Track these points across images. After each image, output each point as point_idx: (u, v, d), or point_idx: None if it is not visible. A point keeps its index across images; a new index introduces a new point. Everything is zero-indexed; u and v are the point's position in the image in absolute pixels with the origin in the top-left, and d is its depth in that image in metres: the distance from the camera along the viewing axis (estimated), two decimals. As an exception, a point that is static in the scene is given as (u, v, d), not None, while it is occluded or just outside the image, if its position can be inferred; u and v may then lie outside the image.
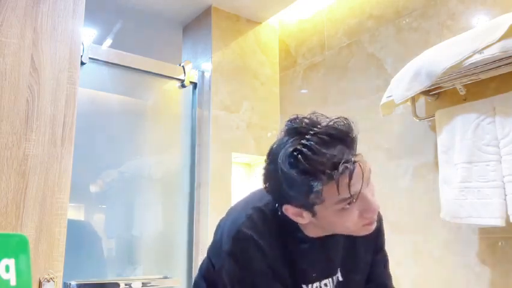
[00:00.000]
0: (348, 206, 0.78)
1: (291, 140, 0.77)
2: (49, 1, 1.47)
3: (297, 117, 0.80)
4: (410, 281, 1.61)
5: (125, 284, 1.74)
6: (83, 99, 1.73)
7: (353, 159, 0.75)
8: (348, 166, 0.74)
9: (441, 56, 1.37)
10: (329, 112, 0.81)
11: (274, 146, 0.82)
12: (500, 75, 1.38)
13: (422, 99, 1.63)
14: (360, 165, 0.76)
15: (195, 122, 2.14)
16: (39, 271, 1.31)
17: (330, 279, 0.92)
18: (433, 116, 1.53)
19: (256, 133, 2.22)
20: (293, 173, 0.75)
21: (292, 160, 0.75)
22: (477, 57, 1.28)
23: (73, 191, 1.45)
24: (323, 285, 0.91)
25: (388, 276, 1.06)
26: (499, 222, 1.27)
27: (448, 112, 1.47)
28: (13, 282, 1.01)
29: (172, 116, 2.15)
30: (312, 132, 0.76)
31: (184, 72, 2.15)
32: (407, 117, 1.67)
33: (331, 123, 0.78)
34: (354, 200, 0.78)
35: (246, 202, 0.95)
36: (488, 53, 1.26)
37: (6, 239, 1.09)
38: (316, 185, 0.74)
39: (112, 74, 1.97)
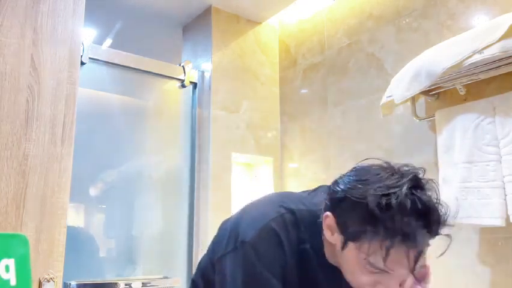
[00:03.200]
0: (371, 269, 0.73)
1: (405, 180, 0.70)
2: (49, 1, 1.47)
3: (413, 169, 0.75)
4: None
5: (125, 284, 1.74)
6: (83, 99, 1.73)
7: (422, 249, 0.71)
8: (412, 249, 0.69)
9: (441, 56, 1.37)
10: (329, 112, 0.81)
11: (380, 172, 0.75)
12: (500, 75, 1.38)
13: (422, 99, 1.63)
14: (425, 267, 0.72)
15: (195, 122, 2.14)
16: (39, 271, 1.31)
17: None
18: (433, 116, 1.53)
19: (256, 133, 2.22)
20: (375, 206, 0.68)
21: (389, 200, 0.68)
22: (477, 57, 1.28)
23: (73, 191, 1.45)
24: None
25: None
26: (499, 222, 1.27)
27: (448, 112, 1.47)
28: (13, 282, 1.01)
29: (172, 116, 2.15)
30: (420, 186, 0.70)
31: (184, 72, 2.15)
32: (407, 117, 1.67)
33: (439, 205, 0.73)
34: (379, 271, 0.72)
35: (272, 201, 0.89)
36: (488, 53, 1.25)
37: (6, 239, 1.09)
38: (375, 233, 0.68)
39: (112, 74, 1.97)
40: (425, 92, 1.54)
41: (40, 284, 1.31)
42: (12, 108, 1.34)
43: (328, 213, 0.79)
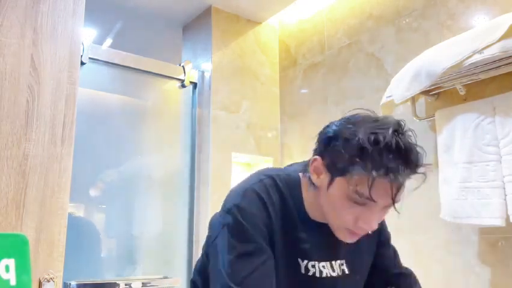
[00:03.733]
0: (356, 202, 0.80)
1: (390, 124, 0.80)
2: (49, 1, 1.47)
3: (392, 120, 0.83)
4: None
5: (125, 284, 1.74)
6: (83, 99, 1.73)
7: (403, 183, 0.78)
8: (395, 182, 0.76)
9: (441, 56, 1.37)
10: (329, 112, 0.82)
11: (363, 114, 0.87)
12: (500, 75, 1.38)
13: (422, 99, 1.63)
14: (399, 195, 0.78)
15: (195, 122, 2.14)
16: (39, 271, 1.31)
17: (328, 263, 0.92)
18: (433, 116, 1.53)
19: (256, 133, 2.22)
20: (366, 141, 0.76)
21: (377, 137, 0.77)
22: (477, 57, 1.28)
23: (73, 190, 1.45)
24: (320, 267, 0.91)
25: (401, 265, 1.08)
26: (499, 222, 1.27)
27: (447, 112, 1.47)
28: (13, 282, 1.01)
29: (172, 116, 2.15)
30: (401, 132, 0.80)
31: (184, 72, 2.15)
32: (407, 117, 1.67)
33: (417, 148, 0.82)
34: (365, 202, 0.79)
35: (251, 175, 0.95)
36: (488, 53, 1.26)
37: (6, 239, 1.09)
38: (363, 165, 0.76)
39: (112, 74, 1.97)
40: (425, 92, 1.54)
41: (40, 284, 1.31)
42: (12, 108, 1.34)
43: (316, 157, 0.86)
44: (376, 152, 0.76)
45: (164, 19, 2.38)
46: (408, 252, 1.63)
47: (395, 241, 1.20)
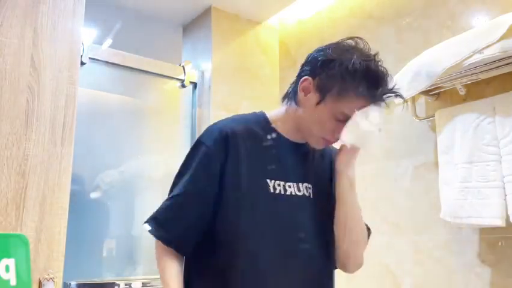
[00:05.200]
0: (338, 119, 0.92)
1: (374, 56, 0.93)
2: (49, 1, 1.47)
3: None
4: (410, 281, 1.61)
5: (125, 284, 1.74)
6: (83, 99, 1.73)
7: (383, 105, 0.91)
8: (379, 106, 0.90)
9: (441, 56, 1.37)
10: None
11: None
12: (500, 75, 1.38)
13: (422, 99, 1.63)
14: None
15: (195, 122, 2.14)
16: (39, 271, 1.31)
17: (295, 184, 0.97)
18: (433, 116, 1.53)
19: (256, 133, 2.22)
20: (359, 68, 0.89)
21: (369, 64, 0.90)
22: (477, 57, 1.28)
23: (73, 191, 1.45)
24: (286, 186, 0.96)
25: None
26: (499, 222, 1.27)
27: (448, 112, 1.47)
28: (13, 282, 1.01)
29: (172, 116, 2.15)
30: (380, 60, 0.93)
31: (184, 72, 2.15)
32: (407, 117, 1.67)
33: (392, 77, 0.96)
34: (346, 120, 0.90)
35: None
36: (488, 53, 1.26)
37: (6, 239, 1.09)
38: (355, 89, 0.89)
39: (112, 74, 1.97)
40: (425, 92, 1.54)
41: (40, 284, 1.31)
42: (12, 108, 1.34)
43: (307, 77, 0.95)
44: (365, 76, 0.89)
45: (164, 19, 2.38)
46: (408, 252, 1.63)
47: (395, 241, 1.20)
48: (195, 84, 2.20)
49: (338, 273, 1.05)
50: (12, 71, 1.36)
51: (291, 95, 1.01)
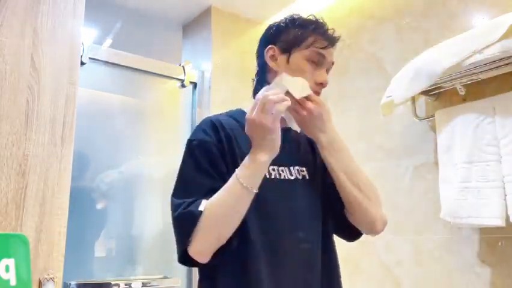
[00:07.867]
0: (313, 61, 1.02)
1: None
2: (49, 1, 1.47)
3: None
4: (410, 281, 1.61)
5: (125, 284, 1.74)
6: (83, 99, 1.73)
7: (334, 44, 1.07)
8: (333, 44, 1.07)
9: (441, 56, 1.37)
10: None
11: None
12: (500, 75, 1.38)
13: (422, 99, 1.64)
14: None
15: (195, 122, 2.14)
16: (39, 271, 1.31)
17: (287, 168, 1.01)
18: (433, 116, 1.53)
19: (256, 133, 2.21)
20: (304, 17, 1.09)
21: (321, 19, 1.10)
22: (477, 57, 1.28)
23: (73, 190, 1.45)
24: (280, 170, 1.00)
25: None
26: (499, 222, 1.28)
27: (447, 112, 1.47)
28: (13, 282, 1.01)
29: (172, 116, 2.15)
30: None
31: (184, 72, 2.15)
32: (407, 117, 1.67)
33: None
34: (320, 61, 1.03)
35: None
36: (488, 53, 1.26)
37: (6, 239, 1.09)
38: (317, 32, 1.05)
39: (112, 74, 1.97)
40: (425, 92, 1.54)
41: (40, 284, 1.31)
42: (12, 108, 1.34)
43: (269, 46, 1.07)
44: (314, 21, 1.09)
45: (164, 19, 2.38)
46: (408, 252, 1.63)
47: (395, 241, 1.20)
48: (194, 84, 2.20)
49: (338, 273, 1.05)
50: (12, 71, 1.36)
51: (260, 78, 1.10)
